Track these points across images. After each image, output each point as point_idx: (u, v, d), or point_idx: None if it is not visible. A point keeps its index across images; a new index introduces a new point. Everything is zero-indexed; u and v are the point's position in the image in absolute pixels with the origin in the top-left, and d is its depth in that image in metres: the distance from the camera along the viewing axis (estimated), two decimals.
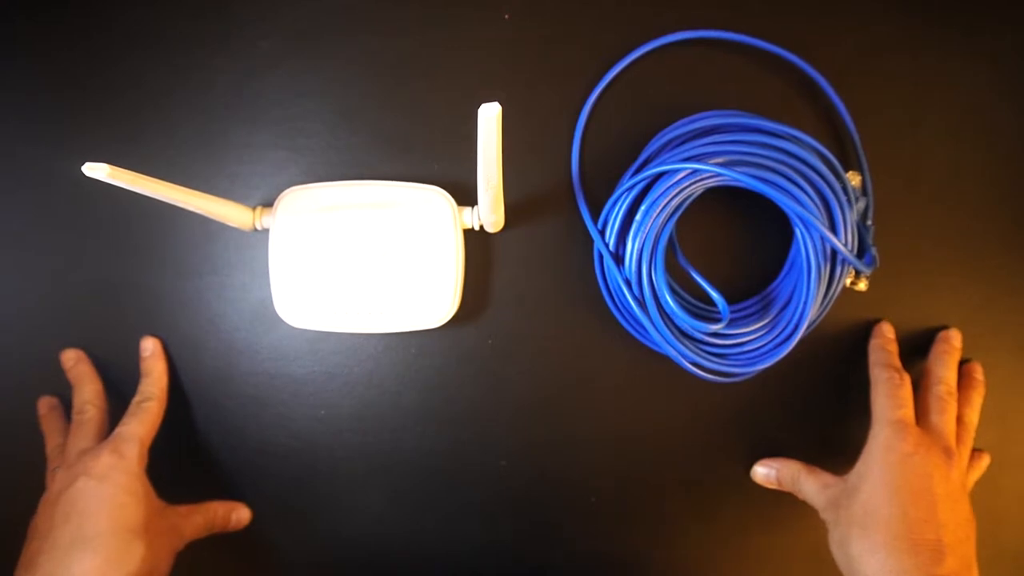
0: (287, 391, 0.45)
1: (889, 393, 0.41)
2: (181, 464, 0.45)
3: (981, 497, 0.41)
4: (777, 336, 0.41)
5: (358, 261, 0.42)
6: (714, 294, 0.40)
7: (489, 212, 0.39)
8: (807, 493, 0.42)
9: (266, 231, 0.42)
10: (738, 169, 0.38)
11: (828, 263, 0.40)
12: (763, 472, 0.45)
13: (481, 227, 0.42)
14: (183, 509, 0.42)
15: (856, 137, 0.43)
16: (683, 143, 0.41)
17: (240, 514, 0.45)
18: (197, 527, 0.42)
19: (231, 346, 0.44)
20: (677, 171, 0.39)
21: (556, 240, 0.44)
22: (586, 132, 0.43)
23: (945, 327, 0.45)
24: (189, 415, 0.45)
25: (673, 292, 0.41)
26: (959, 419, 0.42)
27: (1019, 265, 0.45)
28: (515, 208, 0.43)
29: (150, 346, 0.44)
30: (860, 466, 0.40)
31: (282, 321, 0.42)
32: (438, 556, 0.46)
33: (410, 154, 0.44)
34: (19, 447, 0.45)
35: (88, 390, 0.43)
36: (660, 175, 0.40)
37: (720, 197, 0.42)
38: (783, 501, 0.44)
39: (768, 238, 0.44)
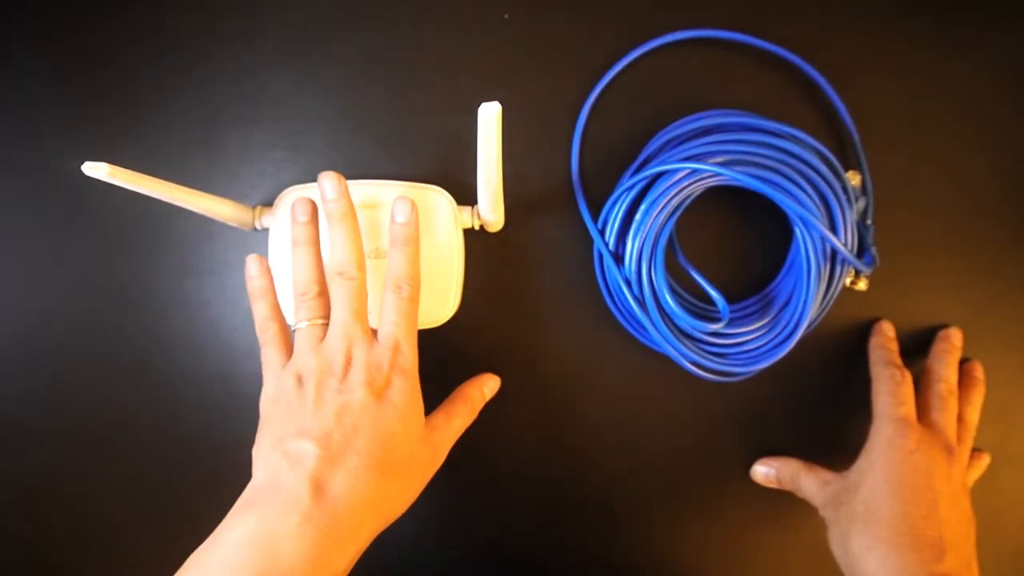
0: None
1: (891, 391, 0.41)
2: (180, 464, 0.45)
3: (981, 497, 0.41)
4: (777, 336, 0.41)
5: None
6: (714, 294, 0.40)
7: (489, 212, 0.39)
8: (807, 491, 0.42)
9: (266, 231, 0.42)
10: (738, 169, 0.38)
11: (828, 263, 0.40)
12: (763, 471, 0.45)
13: (481, 227, 0.42)
14: (439, 419, 0.38)
15: (856, 137, 0.43)
16: (683, 143, 0.41)
17: (492, 385, 0.42)
18: (459, 430, 0.39)
19: (231, 346, 0.44)
20: (677, 171, 0.39)
21: (556, 240, 0.44)
22: (586, 132, 0.43)
23: (945, 326, 0.45)
24: (189, 415, 0.45)
25: (673, 292, 0.41)
26: (960, 418, 0.42)
27: (1019, 265, 0.45)
28: (515, 208, 0.43)
29: (407, 208, 0.38)
30: (861, 463, 0.40)
31: None
32: (437, 556, 0.46)
33: (410, 154, 0.44)
34: (20, 447, 0.45)
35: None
36: (660, 175, 0.40)
37: (720, 197, 0.42)
38: (783, 500, 0.44)
39: (768, 238, 0.44)
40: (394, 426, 0.34)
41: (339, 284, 0.36)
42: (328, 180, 0.37)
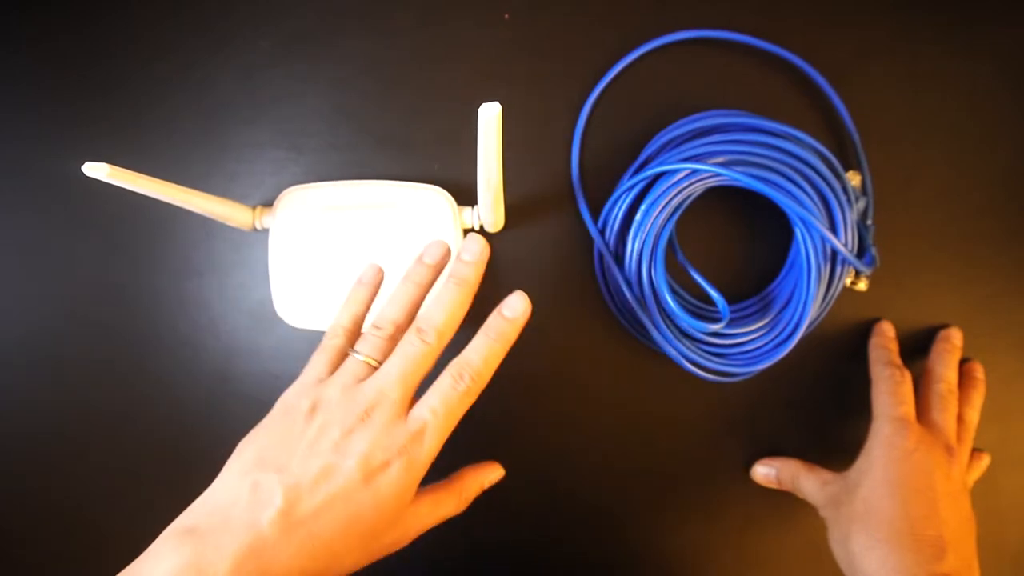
0: None
1: (891, 390, 0.41)
2: (179, 465, 0.45)
3: (981, 497, 0.41)
4: (777, 336, 0.41)
5: (358, 261, 0.42)
6: (714, 294, 0.40)
7: (489, 212, 0.39)
8: (807, 491, 0.42)
9: (266, 231, 0.42)
10: (738, 169, 0.38)
11: (828, 263, 0.40)
12: (763, 472, 0.45)
13: (481, 227, 0.42)
14: (426, 505, 0.35)
15: (856, 137, 0.43)
16: (683, 143, 0.41)
17: (493, 476, 0.40)
18: (439, 520, 0.36)
19: (231, 346, 0.44)
20: (677, 171, 0.39)
21: (556, 240, 0.44)
22: (586, 132, 0.43)
23: (945, 326, 0.45)
24: (188, 416, 0.45)
25: (673, 292, 0.41)
26: (959, 418, 0.42)
27: (1019, 265, 0.45)
28: (515, 208, 0.43)
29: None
30: (861, 462, 0.40)
31: (282, 321, 0.42)
32: (436, 556, 0.46)
33: (410, 154, 0.44)
34: (19, 447, 0.45)
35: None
36: (660, 175, 0.40)
37: (720, 197, 0.42)
38: (783, 500, 0.44)
39: (768, 238, 0.44)
40: (366, 511, 0.32)
41: (413, 340, 0.34)
42: (474, 242, 0.36)
